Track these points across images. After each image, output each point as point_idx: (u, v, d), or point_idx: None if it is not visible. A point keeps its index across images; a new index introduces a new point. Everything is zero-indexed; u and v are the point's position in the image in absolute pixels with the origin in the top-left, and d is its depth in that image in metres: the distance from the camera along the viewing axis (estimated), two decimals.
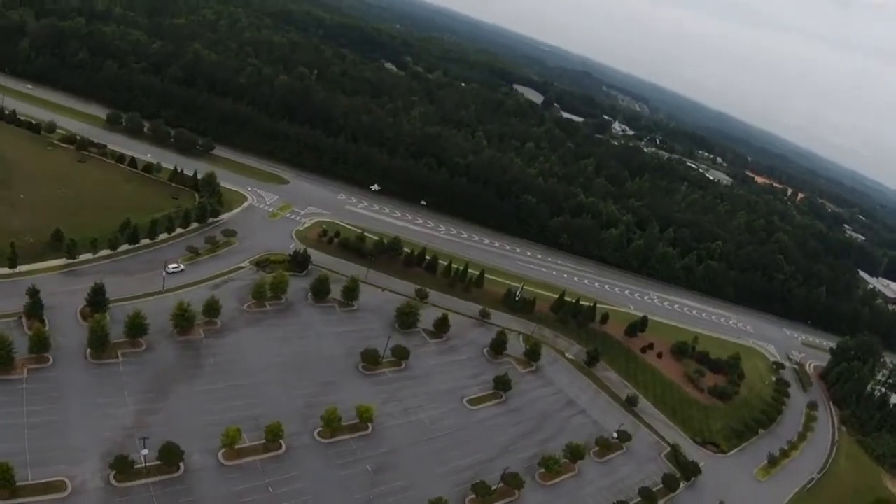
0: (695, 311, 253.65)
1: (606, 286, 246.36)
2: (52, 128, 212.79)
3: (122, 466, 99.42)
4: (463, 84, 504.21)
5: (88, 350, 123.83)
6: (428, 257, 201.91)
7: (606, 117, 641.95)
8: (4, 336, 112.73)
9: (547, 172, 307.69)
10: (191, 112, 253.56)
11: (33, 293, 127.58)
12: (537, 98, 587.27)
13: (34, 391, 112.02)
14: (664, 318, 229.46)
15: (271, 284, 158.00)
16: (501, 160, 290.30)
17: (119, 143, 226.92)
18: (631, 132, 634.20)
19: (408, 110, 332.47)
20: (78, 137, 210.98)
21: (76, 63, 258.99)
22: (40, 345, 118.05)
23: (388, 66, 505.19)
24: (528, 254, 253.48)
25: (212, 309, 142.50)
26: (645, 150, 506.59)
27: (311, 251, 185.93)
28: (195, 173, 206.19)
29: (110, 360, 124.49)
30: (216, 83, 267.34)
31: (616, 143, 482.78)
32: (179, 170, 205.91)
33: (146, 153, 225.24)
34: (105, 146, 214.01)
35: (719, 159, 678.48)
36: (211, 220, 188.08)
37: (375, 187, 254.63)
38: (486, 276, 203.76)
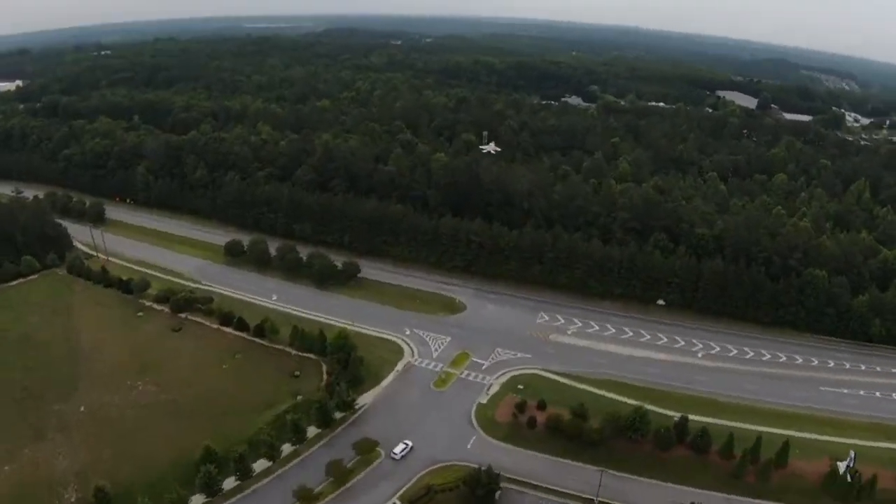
0: None
1: None
2: (144, 286, 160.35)
3: None
4: (662, 104, 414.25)
5: None
6: (692, 419, 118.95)
7: (835, 109, 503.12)
8: None
9: (823, 217, 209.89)
10: (327, 222, 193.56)
11: None
12: (749, 102, 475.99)
13: None
14: None
15: None
16: (763, 218, 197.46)
17: (238, 284, 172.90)
18: (865, 121, 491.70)
19: (611, 160, 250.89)
20: (179, 295, 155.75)
21: (195, 182, 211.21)
22: None
23: (574, 99, 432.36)
24: (831, 364, 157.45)
25: None
26: None
27: (501, 449, 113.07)
28: (320, 332, 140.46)
29: None
30: (356, 178, 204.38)
31: (863, 143, 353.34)
32: (300, 329, 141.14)
33: (272, 293, 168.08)
34: (210, 300, 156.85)
35: None
36: (339, 415, 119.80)
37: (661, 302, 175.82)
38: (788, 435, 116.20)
